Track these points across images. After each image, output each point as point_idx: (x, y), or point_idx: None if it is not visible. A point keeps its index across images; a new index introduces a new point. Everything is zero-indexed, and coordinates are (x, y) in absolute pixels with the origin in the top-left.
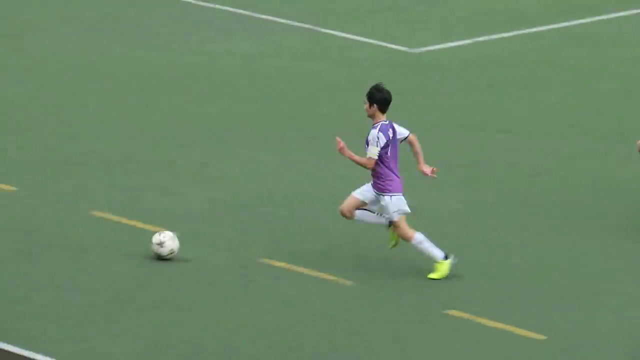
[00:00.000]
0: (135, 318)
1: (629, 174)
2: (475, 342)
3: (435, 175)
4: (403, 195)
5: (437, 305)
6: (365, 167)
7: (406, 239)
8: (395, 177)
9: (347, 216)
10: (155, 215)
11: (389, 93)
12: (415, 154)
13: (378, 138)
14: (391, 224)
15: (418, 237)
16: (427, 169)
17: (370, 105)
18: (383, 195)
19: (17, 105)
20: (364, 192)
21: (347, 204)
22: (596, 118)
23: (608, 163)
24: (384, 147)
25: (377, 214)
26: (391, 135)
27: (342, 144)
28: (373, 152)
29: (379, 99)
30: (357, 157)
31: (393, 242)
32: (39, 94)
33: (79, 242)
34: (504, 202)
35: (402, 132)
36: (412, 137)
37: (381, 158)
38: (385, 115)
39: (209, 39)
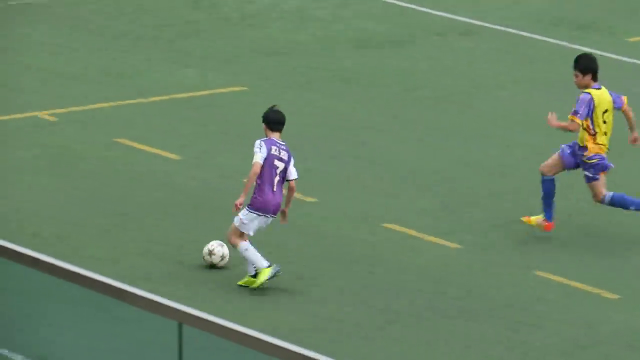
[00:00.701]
0: None
1: None
2: None
3: (284, 223)
4: (264, 218)
5: None
6: (253, 177)
7: (232, 244)
8: (264, 195)
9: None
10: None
11: (277, 113)
12: (288, 197)
13: (260, 145)
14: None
15: (244, 245)
16: (286, 213)
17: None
18: (246, 208)
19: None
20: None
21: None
22: None
23: None
24: (265, 160)
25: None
26: (279, 154)
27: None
28: (256, 157)
29: (266, 116)
30: (245, 189)
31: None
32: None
33: (517, 301)
34: None
35: (292, 172)
36: (293, 184)
37: (261, 171)
38: (277, 135)
39: None
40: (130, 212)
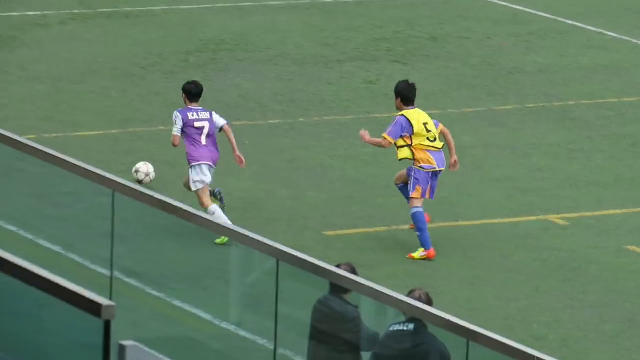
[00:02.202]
0: None
1: None
2: None
3: (243, 166)
4: (205, 165)
5: None
6: (173, 145)
7: (204, 207)
8: (196, 149)
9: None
10: None
11: (194, 84)
12: (230, 141)
13: (176, 117)
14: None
15: (212, 209)
16: (240, 156)
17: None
18: (189, 168)
19: None
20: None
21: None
22: None
23: None
24: (187, 126)
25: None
26: (198, 117)
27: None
28: (174, 130)
29: (187, 88)
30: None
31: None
32: None
33: None
34: None
35: (218, 121)
36: (227, 128)
37: (185, 136)
38: (195, 103)
39: None
40: (638, 320)
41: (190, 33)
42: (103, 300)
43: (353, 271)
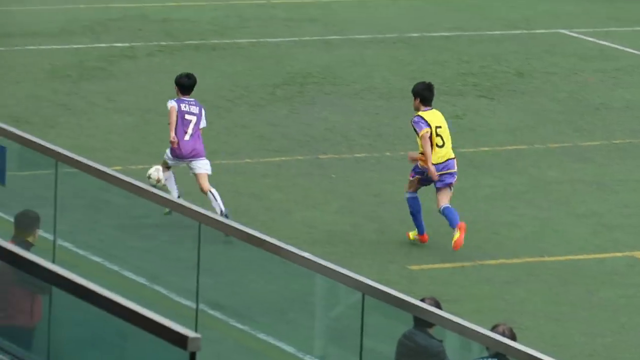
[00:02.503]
0: None
1: None
2: None
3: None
4: (177, 160)
5: None
6: (170, 118)
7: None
8: (177, 146)
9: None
10: None
11: (187, 78)
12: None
13: (171, 103)
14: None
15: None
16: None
17: None
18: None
19: None
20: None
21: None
22: None
23: None
24: (178, 115)
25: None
26: (189, 110)
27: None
28: (169, 103)
29: (179, 80)
30: (170, 129)
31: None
32: None
33: None
34: None
35: (203, 123)
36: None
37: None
38: (186, 95)
39: None
40: None
41: (277, 66)
42: (189, 332)
43: (437, 305)
